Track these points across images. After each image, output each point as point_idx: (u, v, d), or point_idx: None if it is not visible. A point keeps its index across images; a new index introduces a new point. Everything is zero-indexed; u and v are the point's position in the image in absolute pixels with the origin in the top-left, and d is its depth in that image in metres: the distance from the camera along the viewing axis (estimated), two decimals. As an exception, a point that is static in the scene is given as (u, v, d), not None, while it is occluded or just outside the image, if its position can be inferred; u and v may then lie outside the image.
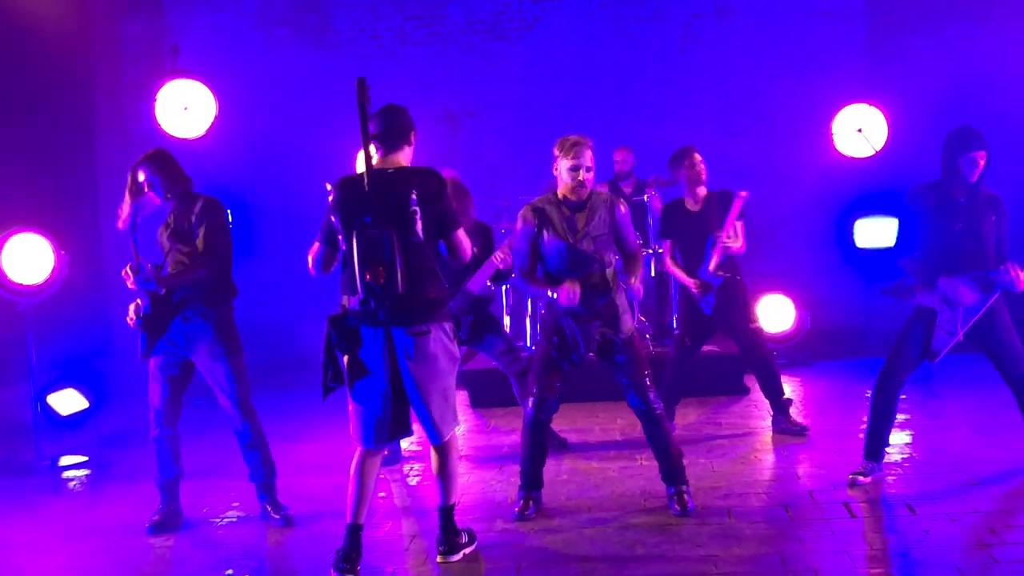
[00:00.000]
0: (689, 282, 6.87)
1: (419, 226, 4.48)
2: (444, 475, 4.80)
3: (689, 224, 6.94)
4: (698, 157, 6.93)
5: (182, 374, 5.59)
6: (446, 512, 4.81)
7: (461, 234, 4.73)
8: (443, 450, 4.77)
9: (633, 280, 5.30)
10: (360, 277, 4.39)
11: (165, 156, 5.66)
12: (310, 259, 4.81)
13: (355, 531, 4.68)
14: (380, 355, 4.57)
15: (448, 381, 4.68)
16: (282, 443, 6.64)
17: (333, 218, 4.62)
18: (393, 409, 4.66)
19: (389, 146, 4.69)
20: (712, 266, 6.80)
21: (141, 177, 5.51)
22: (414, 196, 4.47)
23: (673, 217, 7.03)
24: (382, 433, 4.67)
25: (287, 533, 5.42)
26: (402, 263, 4.39)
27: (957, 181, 5.36)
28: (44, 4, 8.88)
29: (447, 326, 4.67)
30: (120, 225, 5.52)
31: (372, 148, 4.61)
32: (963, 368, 5.90)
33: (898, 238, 5.53)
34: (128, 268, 5.38)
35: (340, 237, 4.61)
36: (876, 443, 5.61)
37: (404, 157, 4.73)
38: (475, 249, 6.49)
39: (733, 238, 6.83)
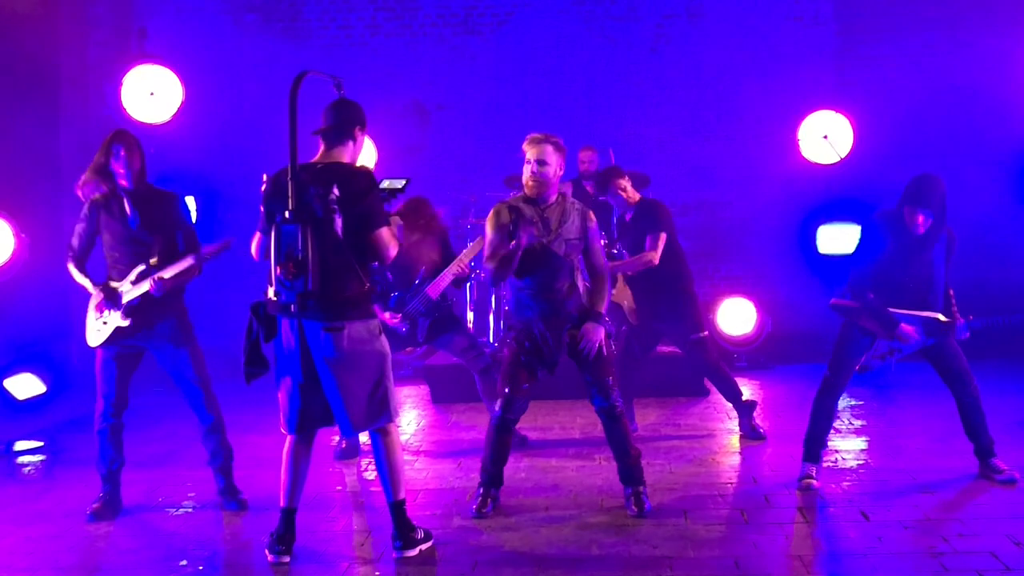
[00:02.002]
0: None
1: (338, 224, 4.49)
2: (385, 469, 4.76)
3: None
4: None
5: (135, 364, 5.63)
6: (396, 508, 4.78)
7: (384, 233, 4.64)
8: (380, 443, 4.75)
9: (601, 307, 5.34)
10: (274, 270, 4.44)
11: (134, 137, 5.60)
12: (253, 246, 4.83)
13: (289, 515, 4.75)
14: (295, 347, 4.61)
15: (368, 376, 4.64)
16: (241, 433, 6.60)
17: (262, 209, 4.68)
18: (312, 400, 4.69)
19: (330, 141, 4.73)
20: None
21: (113, 155, 5.44)
22: (335, 193, 4.48)
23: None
24: (303, 422, 4.73)
25: (242, 524, 5.40)
26: (315, 260, 4.40)
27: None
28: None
29: (368, 323, 4.65)
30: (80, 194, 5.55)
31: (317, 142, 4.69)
32: (920, 376, 5.96)
33: (854, 254, 5.62)
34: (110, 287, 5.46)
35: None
36: (815, 445, 5.72)
37: (347, 153, 4.73)
38: (434, 255, 6.61)
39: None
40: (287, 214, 4.41)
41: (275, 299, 4.52)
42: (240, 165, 10.73)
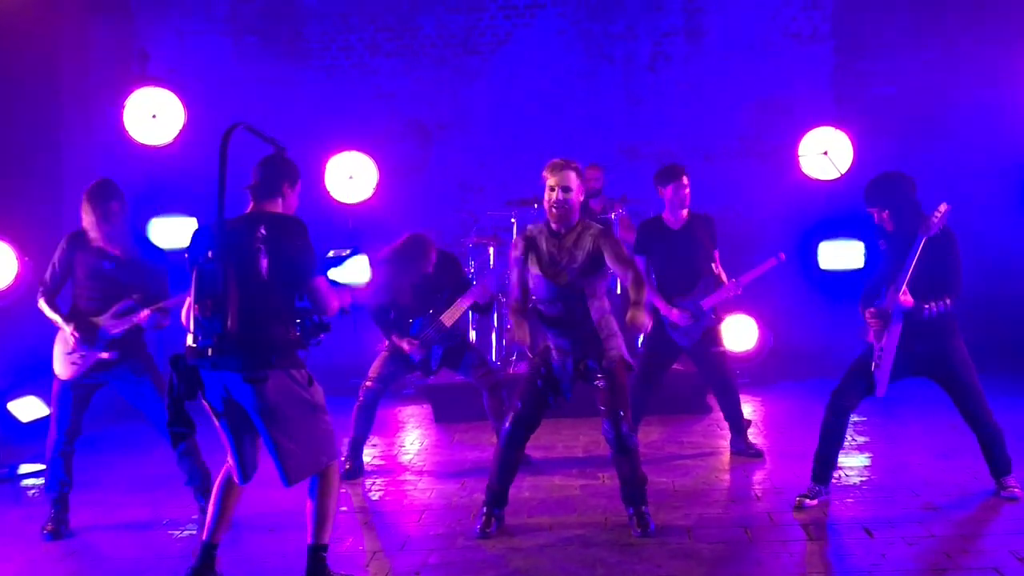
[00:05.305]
0: (672, 312, 6.69)
1: (263, 264, 4.34)
2: (314, 509, 4.57)
3: (670, 244, 6.83)
4: (686, 180, 6.80)
5: (90, 395, 5.86)
6: (313, 551, 4.57)
7: (320, 284, 4.49)
8: (315, 482, 4.54)
9: (635, 316, 5.10)
10: (191, 311, 4.30)
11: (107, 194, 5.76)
12: (183, 313, 4.56)
13: (208, 549, 4.64)
14: (219, 398, 4.42)
15: (296, 429, 4.40)
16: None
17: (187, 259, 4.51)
18: (249, 448, 4.57)
19: (259, 197, 4.64)
20: (709, 304, 6.78)
21: (114, 207, 5.68)
22: (260, 232, 4.37)
23: (651, 234, 6.91)
24: (245, 470, 4.60)
25: (246, 545, 5.40)
26: (236, 300, 4.22)
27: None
28: (10, 4, 8.79)
29: (294, 373, 4.41)
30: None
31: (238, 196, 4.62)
32: (923, 392, 5.96)
33: (863, 271, 5.72)
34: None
35: None
36: (825, 467, 5.67)
37: (278, 207, 4.63)
38: (447, 281, 6.71)
39: (735, 285, 6.89)
40: (209, 254, 4.29)
41: (193, 345, 4.27)
42: (242, 187, 10.78)
